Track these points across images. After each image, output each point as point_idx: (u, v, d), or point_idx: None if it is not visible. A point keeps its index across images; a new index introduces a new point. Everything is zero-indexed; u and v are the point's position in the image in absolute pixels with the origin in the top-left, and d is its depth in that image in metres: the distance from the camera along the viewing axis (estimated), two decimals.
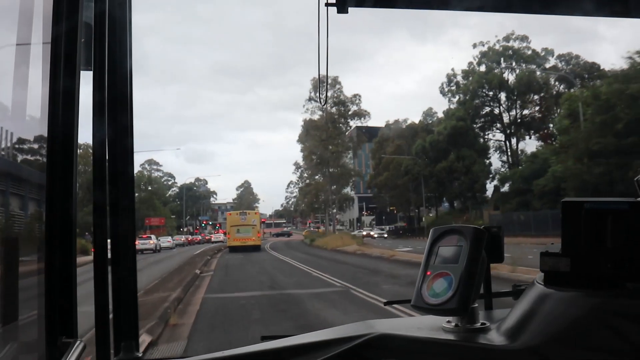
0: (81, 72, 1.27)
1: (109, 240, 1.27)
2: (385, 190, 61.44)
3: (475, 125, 52.99)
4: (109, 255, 1.26)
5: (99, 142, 1.23)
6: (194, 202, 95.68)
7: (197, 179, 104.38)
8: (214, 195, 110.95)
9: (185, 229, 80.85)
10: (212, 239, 72.32)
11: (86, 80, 1.26)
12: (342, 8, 1.37)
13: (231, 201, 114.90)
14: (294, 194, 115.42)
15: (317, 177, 65.79)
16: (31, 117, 1.41)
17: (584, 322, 1.05)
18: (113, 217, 1.27)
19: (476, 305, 1.19)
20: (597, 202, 1.13)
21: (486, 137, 54.54)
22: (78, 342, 1.21)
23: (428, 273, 1.18)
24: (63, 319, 1.22)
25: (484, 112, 53.91)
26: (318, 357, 1.19)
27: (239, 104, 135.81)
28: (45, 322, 1.21)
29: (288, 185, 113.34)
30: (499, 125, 54.57)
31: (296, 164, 70.95)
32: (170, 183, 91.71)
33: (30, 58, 1.36)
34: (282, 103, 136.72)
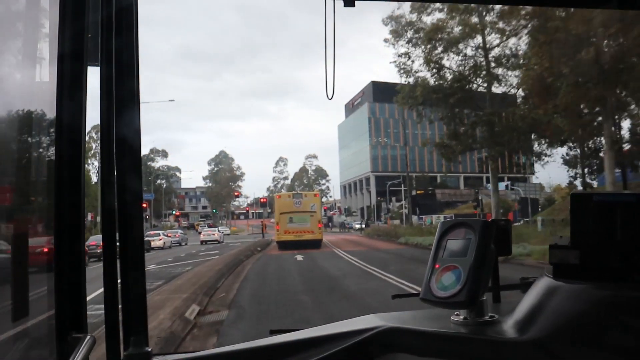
0: (88, 67, 1.27)
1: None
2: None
3: None
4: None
5: (106, 139, 1.23)
6: (147, 183, 67.89)
7: (153, 150, 77.18)
8: (177, 174, 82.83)
9: (90, 218, 31.87)
10: (155, 243, 34.25)
11: (93, 76, 1.26)
12: (349, 1, 1.35)
13: (202, 185, 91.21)
14: (284, 175, 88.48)
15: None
16: (39, 113, 1.41)
17: (592, 314, 1.05)
18: (121, 210, 1.27)
19: (484, 298, 1.19)
20: (606, 195, 1.13)
21: None
22: (88, 337, 1.22)
23: (437, 266, 1.19)
24: (73, 315, 1.23)
25: None
26: (326, 350, 1.19)
27: (206, 90, 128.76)
28: (55, 318, 1.22)
29: (276, 164, 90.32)
30: None
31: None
32: None
33: (37, 54, 1.36)
34: (252, 91, 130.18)
